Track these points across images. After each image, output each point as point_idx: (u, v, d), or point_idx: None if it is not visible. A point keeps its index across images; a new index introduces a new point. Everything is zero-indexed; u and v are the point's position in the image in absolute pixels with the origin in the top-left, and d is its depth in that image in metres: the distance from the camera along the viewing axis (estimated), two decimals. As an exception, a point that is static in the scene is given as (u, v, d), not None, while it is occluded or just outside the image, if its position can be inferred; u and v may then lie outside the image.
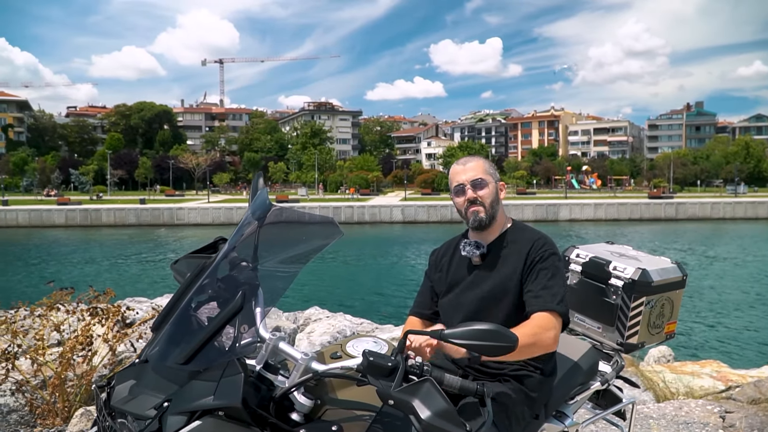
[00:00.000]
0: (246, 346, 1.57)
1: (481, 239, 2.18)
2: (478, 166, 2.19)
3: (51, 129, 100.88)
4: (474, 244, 2.16)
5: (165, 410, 1.45)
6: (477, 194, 2.14)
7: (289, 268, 1.72)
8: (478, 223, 2.15)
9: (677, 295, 2.64)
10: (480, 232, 2.19)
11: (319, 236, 1.78)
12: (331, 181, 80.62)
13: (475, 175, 2.16)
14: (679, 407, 4.67)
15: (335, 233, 1.76)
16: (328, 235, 1.76)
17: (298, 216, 1.79)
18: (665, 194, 61.62)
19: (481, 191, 2.15)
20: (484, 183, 2.16)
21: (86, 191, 73.64)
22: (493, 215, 2.16)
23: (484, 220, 2.14)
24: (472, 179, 2.16)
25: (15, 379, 3.84)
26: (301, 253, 1.75)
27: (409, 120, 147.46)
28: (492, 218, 2.16)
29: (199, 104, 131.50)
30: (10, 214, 47.55)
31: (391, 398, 1.50)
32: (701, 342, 13.51)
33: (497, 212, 2.19)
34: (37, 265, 27.20)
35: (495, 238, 2.19)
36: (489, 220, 2.15)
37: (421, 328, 2.18)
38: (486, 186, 2.16)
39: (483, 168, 2.19)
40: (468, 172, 2.18)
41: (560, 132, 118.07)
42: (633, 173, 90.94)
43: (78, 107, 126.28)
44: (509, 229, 2.21)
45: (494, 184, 2.19)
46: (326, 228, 1.77)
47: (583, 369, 2.40)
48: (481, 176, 2.16)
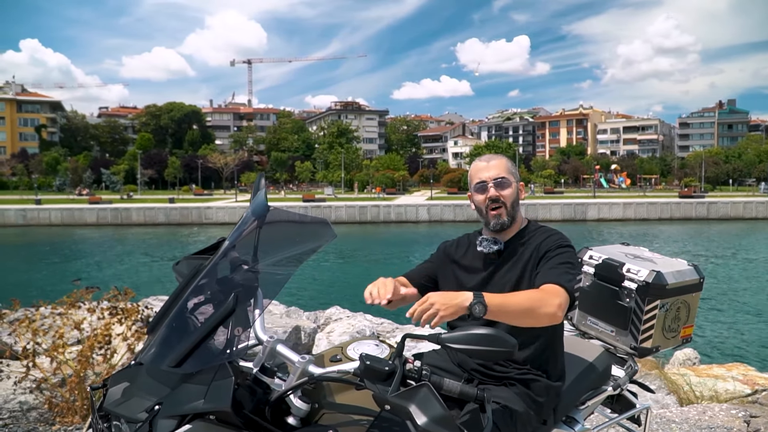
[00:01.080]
0: (238, 348, 1.55)
1: (498, 237, 2.15)
2: (501, 165, 2.15)
3: (83, 129, 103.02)
4: (492, 240, 2.12)
5: (156, 413, 1.44)
6: (500, 193, 2.10)
7: (283, 270, 1.70)
8: (500, 227, 2.11)
9: (694, 299, 2.56)
10: (498, 232, 2.15)
11: (314, 238, 1.76)
12: (357, 180, 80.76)
13: (498, 174, 2.12)
14: (703, 411, 4.56)
15: (329, 235, 1.74)
16: (322, 236, 1.74)
17: (293, 217, 1.77)
18: (696, 193, 60.38)
19: (504, 191, 2.11)
20: (507, 182, 2.12)
21: (117, 190, 74.94)
22: (513, 216, 2.13)
23: (506, 223, 2.11)
24: (495, 177, 2.11)
25: (35, 377, 3.90)
26: (295, 255, 1.74)
27: (436, 119, 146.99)
28: (513, 219, 2.13)
29: (227, 104, 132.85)
30: (43, 212, 48.66)
31: (388, 403, 1.47)
32: (729, 345, 13.20)
33: (517, 213, 2.16)
34: (64, 264, 27.75)
35: (511, 236, 2.16)
36: (510, 222, 2.12)
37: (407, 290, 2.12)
38: (509, 186, 2.12)
39: (506, 167, 2.15)
40: (491, 170, 2.13)
41: (589, 130, 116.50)
42: (663, 172, 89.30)
43: (109, 108, 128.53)
44: (525, 228, 2.18)
45: (516, 184, 2.15)
46: (320, 229, 1.76)
47: (595, 373, 2.34)
48: (505, 175, 2.12)
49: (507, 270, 2.09)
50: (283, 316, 6.93)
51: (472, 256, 2.20)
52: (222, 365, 1.49)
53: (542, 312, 1.82)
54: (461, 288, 2.16)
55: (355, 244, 34.90)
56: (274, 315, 6.70)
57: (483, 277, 2.13)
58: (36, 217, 48.17)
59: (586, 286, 2.66)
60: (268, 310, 7.02)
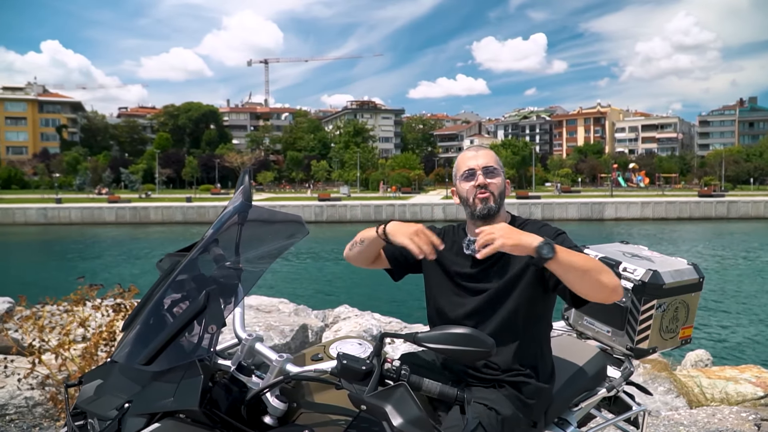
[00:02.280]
0: (214, 346, 1.54)
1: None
2: (490, 155, 2.13)
3: (103, 129, 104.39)
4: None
5: (126, 411, 1.43)
6: (488, 181, 2.07)
7: (257, 267, 1.69)
8: (487, 211, 2.05)
9: (693, 299, 2.50)
10: (483, 223, 2.06)
11: (288, 235, 1.74)
12: (373, 179, 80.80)
13: (487, 162, 2.09)
14: (712, 414, 4.49)
15: (302, 232, 1.72)
16: (296, 233, 1.73)
17: (270, 215, 1.76)
18: (716, 192, 59.53)
19: (492, 180, 2.08)
20: (496, 172, 2.09)
21: (135, 190, 75.74)
22: (499, 206, 2.09)
23: (493, 209, 2.05)
24: (484, 165, 2.09)
25: (40, 373, 3.94)
26: (270, 252, 1.72)
27: (452, 118, 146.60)
28: (498, 209, 2.08)
29: (244, 104, 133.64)
30: (63, 211, 49.37)
31: (364, 403, 1.45)
32: (744, 346, 12.97)
33: (502, 205, 2.12)
34: (75, 261, 27.99)
35: None
36: (497, 209, 2.07)
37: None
38: (498, 175, 2.10)
39: (495, 158, 2.14)
40: (480, 159, 2.10)
41: (607, 129, 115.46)
42: (683, 171, 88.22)
43: (129, 108, 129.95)
44: (510, 223, 2.11)
45: (503, 177, 2.13)
46: (293, 227, 1.74)
47: (589, 374, 2.30)
48: (494, 165, 2.10)
49: (497, 273, 2.03)
50: (291, 314, 6.93)
51: (456, 252, 2.13)
52: (192, 363, 1.48)
53: (605, 280, 1.79)
54: (447, 276, 2.10)
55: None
56: (283, 313, 6.71)
57: (470, 280, 2.07)
58: (56, 215, 48.84)
59: (582, 286, 2.61)
60: (276, 308, 7.05)
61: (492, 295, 2.01)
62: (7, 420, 3.96)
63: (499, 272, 2.03)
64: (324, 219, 48.72)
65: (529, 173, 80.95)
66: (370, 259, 2.24)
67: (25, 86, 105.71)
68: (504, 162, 38.26)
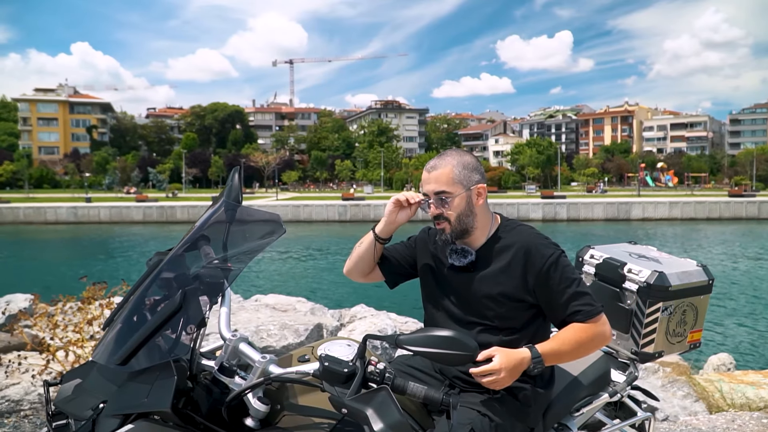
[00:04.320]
0: (195, 346, 1.52)
1: (467, 244, 1.99)
2: (443, 175, 1.92)
3: (132, 130, 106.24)
4: (460, 251, 1.96)
5: (100, 412, 1.41)
6: (441, 209, 1.93)
7: (237, 265, 1.66)
8: (443, 242, 1.98)
9: (702, 301, 2.41)
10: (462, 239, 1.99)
11: (267, 233, 1.72)
12: (397, 179, 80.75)
13: (437, 187, 1.92)
14: (732, 420, 4.37)
15: (279, 231, 1.70)
16: (274, 232, 1.70)
17: (250, 213, 1.74)
18: (747, 192, 58.24)
19: (445, 207, 1.93)
20: (448, 197, 1.91)
21: (163, 189, 76.84)
22: (463, 229, 1.95)
23: (448, 239, 1.95)
24: (434, 191, 1.93)
25: (54, 370, 3.99)
26: (249, 250, 1.70)
27: (477, 117, 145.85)
28: (462, 232, 1.95)
29: (269, 104, 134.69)
30: (92, 210, 50.34)
31: (344, 406, 1.42)
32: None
33: (470, 224, 1.95)
34: (94, 260, 28.36)
35: (483, 242, 1.99)
36: (457, 236, 1.95)
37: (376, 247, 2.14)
38: (451, 200, 1.91)
39: (449, 177, 1.91)
40: (431, 183, 1.93)
41: (634, 128, 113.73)
42: (713, 170, 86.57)
43: (157, 108, 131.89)
44: (498, 230, 2.00)
45: (465, 193, 1.92)
46: (271, 226, 1.72)
47: (592, 378, 2.23)
48: (445, 188, 1.91)
49: (488, 281, 1.94)
50: (307, 313, 6.93)
51: (445, 259, 2.05)
52: (166, 364, 1.45)
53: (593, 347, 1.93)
54: (440, 286, 2.05)
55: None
56: (299, 312, 6.71)
57: (457, 288, 2.01)
58: (86, 214, 49.81)
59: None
60: (293, 306, 7.06)
61: (484, 304, 1.95)
62: (21, 416, 4.01)
63: (489, 281, 1.96)
64: (348, 218, 48.85)
65: (555, 173, 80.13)
66: (367, 264, 2.17)
67: (56, 88, 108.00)
68: (529, 161, 37.67)
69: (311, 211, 49.84)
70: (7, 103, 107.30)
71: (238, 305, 6.52)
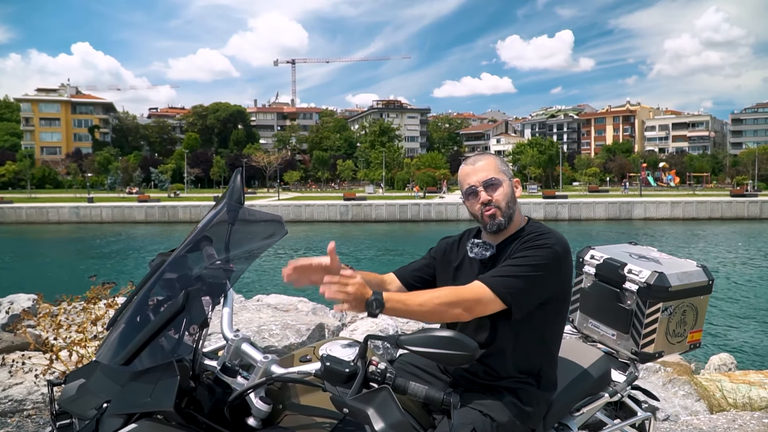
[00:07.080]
0: (198, 346, 1.53)
1: (492, 240, 2.06)
2: (489, 165, 2.05)
3: (134, 130, 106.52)
4: (482, 245, 2.03)
5: (104, 411, 1.43)
6: (491, 196, 2.01)
7: (239, 266, 1.68)
8: (497, 227, 2.02)
9: (702, 302, 2.43)
10: (496, 234, 2.05)
11: (269, 234, 1.73)
12: (398, 179, 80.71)
13: (486, 175, 2.02)
14: (733, 420, 4.37)
15: (281, 232, 1.71)
16: (276, 233, 1.72)
17: (253, 214, 1.75)
18: (749, 192, 58.11)
19: (495, 192, 2.02)
20: (497, 183, 2.02)
21: (165, 189, 76.88)
22: (510, 216, 2.03)
23: (503, 224, 2.01)
24: (484, 180, 2.02)
25: (57, 369, 4.00)
26: (251, 251, 1.71)
27: (478, 117, 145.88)
28: (510, 219, 2.03)
29: (271, 104, 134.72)
30: (94, 210, 50.39)
31: (346, 406, 1.43)
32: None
33: (514, 212, 2.05)
34: (96, 259, 28.40)
35: (506, 237, 2.05)
36: (507, 222, 2.02)
37: (395, 288, 2.11)
38: (500, 186, 2.02)
39: (495, 166, 2.05)
40: (479, 173, 2.04)
41: (636, 127, 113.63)
42: (715, 170, 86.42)
43: (159, 108, 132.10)
44: (523, 229, 2.07)
45: (509, 182, 2.05)
46: (273, 227, 1.73)
47: (593, 378, 2.25)
48: (494, 175, 2.03)
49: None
50: (309, 313, 6.95)
51: (466, 258, 2.11)
52: (169, 364, 1.47)
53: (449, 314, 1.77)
54: (454, 281, 2.08)
55: (394, 243, 34.89)
56: (300, 312, 6.73)
57: (475, 275, 2.01)
58: (88, 214, 49.85)
59: (587, 288, 2.56)
60: (294, 306, 7.06)
61: None
62: (25, 415, 4.03)
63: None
64: (349, 218, 48.85)
65: (556, 172, 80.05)
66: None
67: (59, 88, 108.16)
68: (530, 161, 37.61)
69: (313, 211, 49.82)
70: (9, 103, 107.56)
71: (240, 305, 6.53)
